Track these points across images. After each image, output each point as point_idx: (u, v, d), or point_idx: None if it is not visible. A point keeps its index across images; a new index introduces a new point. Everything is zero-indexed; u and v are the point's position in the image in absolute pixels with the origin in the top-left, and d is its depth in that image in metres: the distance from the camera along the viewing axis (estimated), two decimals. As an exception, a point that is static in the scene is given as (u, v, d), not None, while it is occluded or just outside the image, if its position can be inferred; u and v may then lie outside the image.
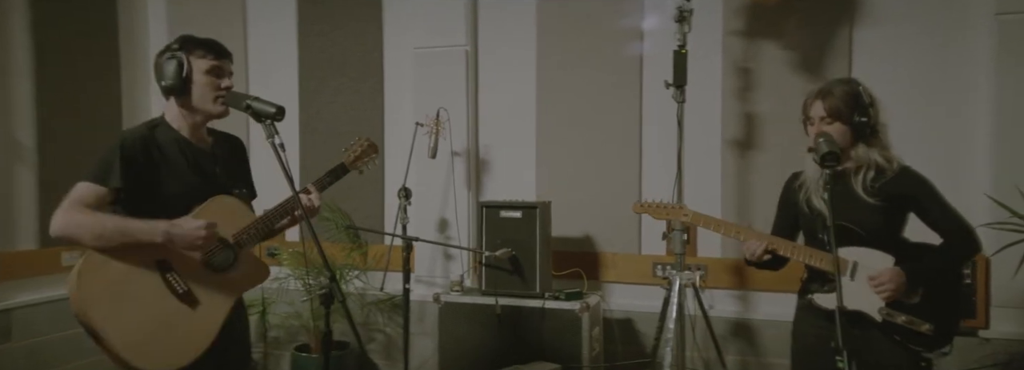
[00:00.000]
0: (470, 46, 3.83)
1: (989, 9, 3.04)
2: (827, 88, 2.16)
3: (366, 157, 2.40)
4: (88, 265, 1.90)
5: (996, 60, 3.02)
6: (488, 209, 3.38)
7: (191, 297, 1.99)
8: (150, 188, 2.00)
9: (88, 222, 1.89)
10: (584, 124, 3.68)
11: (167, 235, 1.92)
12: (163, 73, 2.04)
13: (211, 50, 2.07)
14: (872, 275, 2.10)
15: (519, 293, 3.29)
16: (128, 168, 1.95)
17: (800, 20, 3.33)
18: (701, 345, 3.35)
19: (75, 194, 1.93)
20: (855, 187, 2.15)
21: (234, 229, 2.07)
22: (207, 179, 2.10)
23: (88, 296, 1.87)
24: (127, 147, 1.97)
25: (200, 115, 2.10)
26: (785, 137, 3.36)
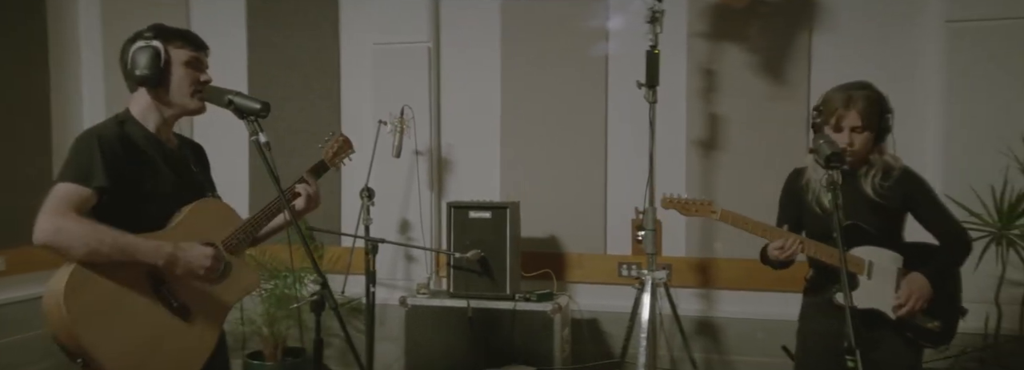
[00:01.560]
0: (432, 43, 3.75)
1: (939, 16, 3.18)
2: (854, 96, 2.15)
3: (342, 153, 2.30)
4: (75, 282, 1.69)
5: (946, 65, 3.16)
6: (457, 209, 3.31)
7: (185, 310, 1.84)
8: (132, 188, 1.83)
9: (82, 233, 1.69)
10: (549, 124, 3.66)
11: (171, 258, 1.76)
12: (136, 62, 1.88)
13: (190, 41, 1.92)
14: (899, 298, 2.14)
15: (489, 295, 3.23)
16: (110, 166, 1.78)
17: (762, 24, 3.40)
18: (668, 344, 3.38)
19: (58, 197, 1.73)
20: (865, 188, 2.19)
21: (223, 234, 1.93)
22: (183, 181, 1.95)
23: (78, 318, 1.67)
24: (105, 144, 1.79)
25: (174, 109, 1.94)
26: (748, 138, 3.44)
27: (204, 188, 1.99)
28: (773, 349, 3.37)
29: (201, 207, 1.92)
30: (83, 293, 1.70)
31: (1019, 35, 3.08)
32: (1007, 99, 3.08)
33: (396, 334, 3.43)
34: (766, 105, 3.41)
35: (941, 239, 2.24)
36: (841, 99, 2.16)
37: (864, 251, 2.17)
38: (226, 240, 1.93)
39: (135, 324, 1.76)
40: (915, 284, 2.14)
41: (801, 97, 3.38)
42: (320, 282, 1.82)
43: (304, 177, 2.13)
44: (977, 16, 3.12)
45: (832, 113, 2.17)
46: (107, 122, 1.90)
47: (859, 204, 2.16)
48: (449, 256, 3.29)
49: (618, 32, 3.59)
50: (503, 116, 3.72)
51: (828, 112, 2.18)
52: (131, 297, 1.77)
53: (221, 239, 1.93)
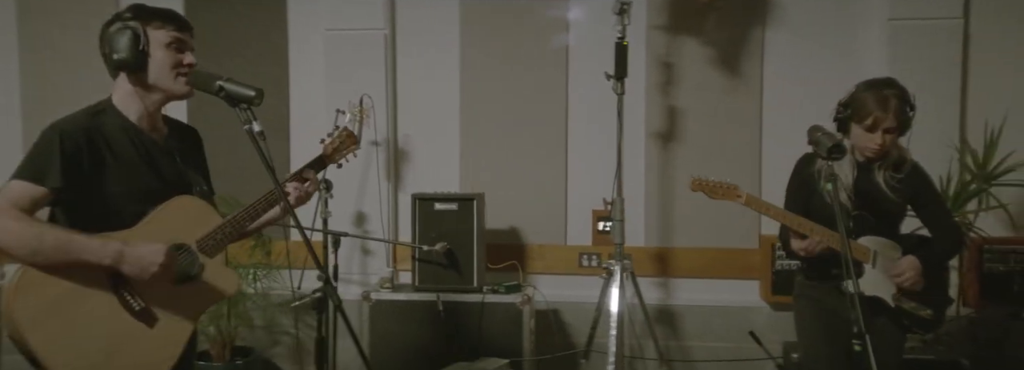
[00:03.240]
0: (388, 30, 3.64)
1: (882, 14, 3.35)
2: (888, 97, 2.18)
3: (345, 149, 2.19)
4: (27, 280, 1.57)
5: (888, 60, 3.33)
6: (422, 201, 3.24)
7: (149, 315, 1.71)
8: (95, 188, 1.70)
9: (23, 233, 1.57)
10: (509, 114, 3.63)
11: (119, 256, 1.63)
12: (114, 45, 1.74)
13: (171, 21, 1.79)
14: (897, 272, 2.22)
15: (457, 288, 3.18)
16: (69, 165, 1.65)
17: (718, 18, 3.48)
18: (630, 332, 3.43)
19: (7, 195, 1.60)
20: (878, 180, 2.27)
21: (198, 233, 1.80)
22: (162, 176, 1.81)
23: (26, 317, 1.56)
24: (67, 140, 1.66)
25: (158, 94, 1.80)
26: (705, 130, 3.52)
27: (189, 183, 1.86)
28: (730, 335, 3.51)
29: (174, 205, 1.78)
30: (35, 294, 1.59)
31: (957, 34, 3.28)
32: (946, 94, 3.28)
33: (357, 330, 3.32)
34: (722, 98, 3.50)
35: (938, 233, 2.36)
36: (877, 101, 2.18)
37: (869, 241, 2.26)
38: (201, 240, 1.81)
39: (91, 328, 1.64)
40: (910, 263, 2.24)
41: (755, 91, 3.50)
42: (323, 279, 1.73)
43: (301, 173, 2.02)
44: (917, 15, 3.30)
45: (867, 115, 2.19)
46: (79, 113, 1.76)
47: (870, 195, 2.25)
48: (415, 249, 3.22)
49: (578, 23, 3.59)
50: (462, 106, 3.67)
51: (862, 113, 2.20)
52: (89, 300, 1.65)
53: (195, 239, 1.80)
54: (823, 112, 3.38)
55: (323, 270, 1.73)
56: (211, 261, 1.81)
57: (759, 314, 3.49)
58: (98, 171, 1.70)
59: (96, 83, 3.65)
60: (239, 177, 3.07)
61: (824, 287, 2.32)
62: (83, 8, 3.77)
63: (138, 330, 1.69)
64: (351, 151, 2.21)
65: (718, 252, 3.53)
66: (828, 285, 2.28)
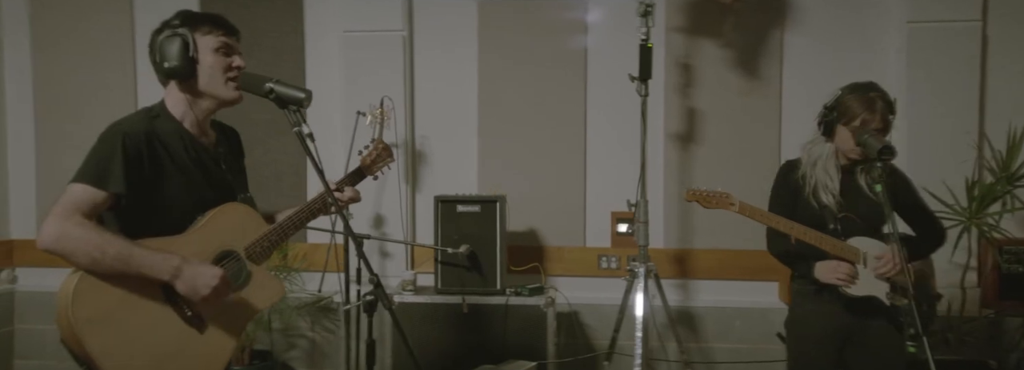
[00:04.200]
0: (406, 32, 3.62)
1: (901, 17, 3.37)
2: (874, 99, 2.22)
3: (381, 161, 2.18)
4: (86, 283, 1.56)
5: (907, 63, 3.35)
6: (444, 203, 3.22)
7: (199, 321, 1.70)
8: (152, 193, 1.68)
9: (86, 241, 1.55)
10: (527, 116, 3.62)
11: (177, 273, 1.62)
12: (164, 53, 1.73)
13: (219, 25, 1.78)
14: (878, 255, 2.25)
15: (480, 290, 3.17)
16: (131, 169, 1.63)
17: (737, 21, 3.49)
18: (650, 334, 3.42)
19: (69, 199, 1.58)
20: (860, 182, 2.30)
21: (246, 241, 1.79)
22: (212, 182, 1.80)
23: (85, 321, 1.54)
24: (129, 144, 1.64)
25: (209, 101, 1.79)
26: (723, 132, 3.53)
27: (234, 190, 1.85)
28: (751, 336, 3.51)
29: (225, 212, 1.77)
30: (92, 299, 1.57)
31: (975, 36, 3.30)
32: (965, 96, 3.30)
33: (380, 333, 3.31)
34: (740, 100, 3.51)
35: (920, 230, 2.40)
36: (863, 103, 2.22)
37: (858, 241, 2.28)
38: (249, 247, 1.80)
39: (145, 334, 1.63)
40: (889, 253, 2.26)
41: (774, 93, 3.51)
42: (374, 282, 1.72)
43: (340, 184, 2.01)
44: (935, 18, 3.33)
45: (855, 116, 2.23)
46: (138, 115, 1.74)
47: (856, 198, 2.29)
48: (437, 251, 3.20)
49: (596, 25, 3.59)
50: (480, 108, 3.65)
51: (849, 114, 2.24)
52: (143, 305, 1.64)
53: (243, 246, 1.79)
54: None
55: (373, 273, 1.71)
56: (257, 268, 1.80)
57: (779, 315, 3.43)
58: (156, 176, 1.68)
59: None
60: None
61: (810, 290, 2.34)
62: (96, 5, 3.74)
63: (189, 336, 1.68)
64: (387, 163, 2.20)
65: (737, 253, 3.53)
66: (813, 288, 2.30)
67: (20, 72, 3.86)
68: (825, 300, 2.30)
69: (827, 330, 2.30)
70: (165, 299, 1.66)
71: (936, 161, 3.26)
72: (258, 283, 1.79)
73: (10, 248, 3.85)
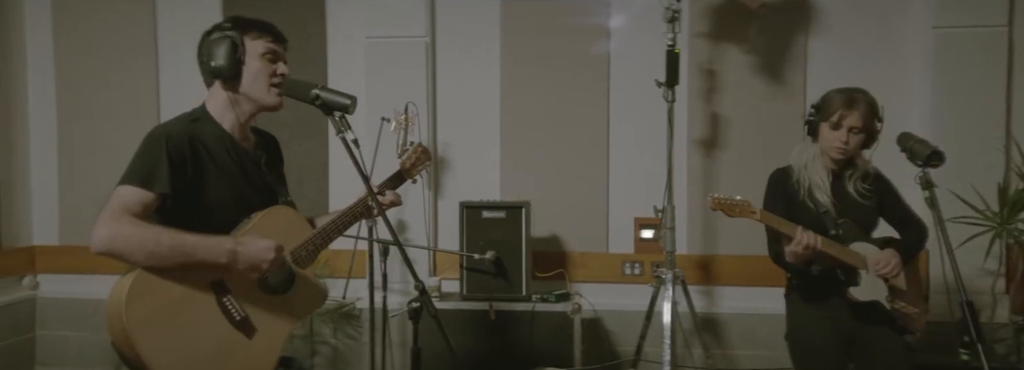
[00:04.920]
0: (428, 38, 3.63)
1: (927, 23, 3.36)
2: (856, 98, 2.27)
3: (420, 165, 2.19)
4: (139, 286, 1.57)
5: (933, 68, 3.34)
6: (470, 209, 3.22)
7: (248, 325, 1.71)
8: (195, 195, 1.69)
9: (140, 236, 1.56)
10: (550, 122, 3.62)
11: (233, 255, 1.63)
12: (212, 53, 1.74)
13: (267, 31, 1.79)
14: (875, 259, 2.26)
15: (507, 297, 3.16)
16: (175, 170, 1.64)
17: (760, 27, 3.49)
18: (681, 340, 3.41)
19: (118, 201, 1.59)
20: (849, 189, 2.33)
21: (291, 244, 1.79)
22: (254, 185, 1.80)
23: (137, 323, 1.55)
24: (173, 146, 1.65)
25: (249, 104, 1.80)
26: (747, 137, 3.52)
27: (275, 193, 1.85)
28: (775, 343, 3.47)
29: (271, 214, 1.78)
30: (145, 301, 1.58)
31: (1001, 41, 3.29)
32: (991, 101, 3.29)
33: (408, 340, 3.30)
34: (764, 105, 3.50)
35: (904, 230, 2.42)
36: (844, 100, 2.28)
37: (859, 247, 2.28)
38: (294, 251, 1.80)
39: (195, 337, 1.64)
40: (891, 252, 2.30)
41: (798, 98, 3.50)
42: (419, 289, 1.71)
43: (381, 187, 2.02)
44: (961, 23, 3.32)
45: (834, 112, 2.28)
46: (179, 119, 1.75)
47: (845, 203, 2.30)
48: (463, 257, 3.19)
49: (619, 30, 3.59)
50: (502, 113, 3.65)
51: (829, 110, 2.30)
52: (194, 308, 1.65)
53: (290, 250, 1.80)
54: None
55: (418, 280, 1.71)
56: (302, 272, 1.80)
57: (804, 322, 3.47)
58: (199, 178, 1.69)
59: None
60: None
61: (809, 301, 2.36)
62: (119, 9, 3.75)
63: (238, 340, 1.68)
64: (426, 166, 2.21)
65: (761, 260, 3.44)
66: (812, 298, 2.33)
67: (43, 76, 3.87)
68: (826, 307, 2.30)
69: (829, 336, 2.31)
70: (215, 302, 1.67)
71: (964, 167, 3.23)
72: (303, 287, 1.80)
73: (32, 254, 3.85)
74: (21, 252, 3.79)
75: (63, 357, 3.85)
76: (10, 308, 3.71)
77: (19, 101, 3.82)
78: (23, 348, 3.78)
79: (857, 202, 2.32)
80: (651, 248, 3.58)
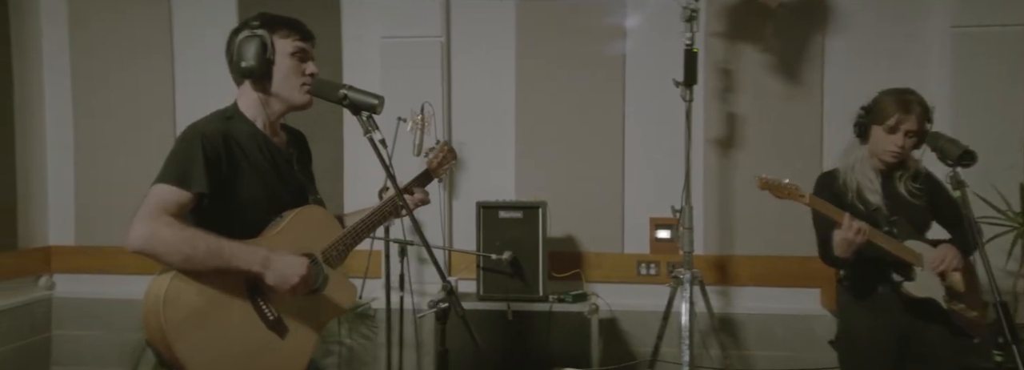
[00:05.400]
0: (444, 38, 3.62)
1: (945, 22, 3.34)
2: (911, 101, 2.25)
3: (447, 163, 2.18)
4: (176, 286, 1.57)
5: (952, 68, 3.32)
6: (486, 209, 3.22)
7: (281, 325, 1.71)
8: (229, 194, 1.68)
9: (177, 239, 1.56)
10: (565, 122, 3.61)
11: (266, 263, 1.63)
12: (242, 53, 1.73)
13: (297, 30, 1.79)
14: (931, 257, 2.24)
15: (524, 297, 3.15)
16: (211, 169, 1.64)
17: (777, 26, 3.47)
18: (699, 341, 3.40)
19: (155, 200, 1.59)
20: (900, 190, 2.31)
21: (323, 244, 1.79)
22: (286, 184, 1.80)
23: (175, 324, 1.55)
24: (208, 144, 1.65)
25: (280, 104, 1.80)
26: (763, 137, 3.50)
27: (306, 191, 1.85)
28: (792, 344, 3.48)
29: (304, 214, 1.78)
30: (182, 301, 1.58)
31: (1020, 41, 3.27)
32: (1011, 101, 3.27)
33: (424, 340, 3.30)
34: (781, 105, 3.49)
35: (956, 231, 2.38)
36: (899, 103, 2.25)
37: (912, 245, 2.26)
38: (326, 250, 1.80)
39: (230, 337, 1.64)
40: (947, 247, 2.27)
41: (815, 98, 3.48)
42: (446, 289, 1.71)
43: (409, 186, 2.01)
44: (980, 23, 3.30)
45: (889, 116, 2.25)
46: (213, 117, 1.75)
47: (896, 204, 2.28)
48: (480, 257, 3.18)
49: (635, 30, 3.58)
50: (517, 114, 3.65)
51: (884, 114, 2.27)
52: (229, 308, 1.65)
53: (321, 249, 1.79)
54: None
55: (446, 281, 1.70)
56: (333, 272, 1.80)
57: (820, 322, 3.45)
58: (234, 177, 1.69)
59: (147, 86, 3.73)
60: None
61: (862, 297, 2.32)
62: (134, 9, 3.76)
63: (271, 340, 1.68)
64: (452, 165, 2.20)
65: (777, 260, 3.50)
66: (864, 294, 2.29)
67: (59, 75, 3.87)
68: (880, 307, 2.28)
69: (882, 337, 2.28)
70: (249, 302, 1.67)
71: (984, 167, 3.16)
72: (334, 287, 1.80)
73: (48, 254, 3.85)
74: (37, 252, 3.80)
75: (79, 357, 3.85)
76: (26, 308, 3.71)
77: (35, 101, 3.82)
78: (39, 348, 3.79)
79: (909, 202, 2.29)
80: (666, 248, 3.57)
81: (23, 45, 3.73)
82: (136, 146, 3.79)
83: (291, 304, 1.72)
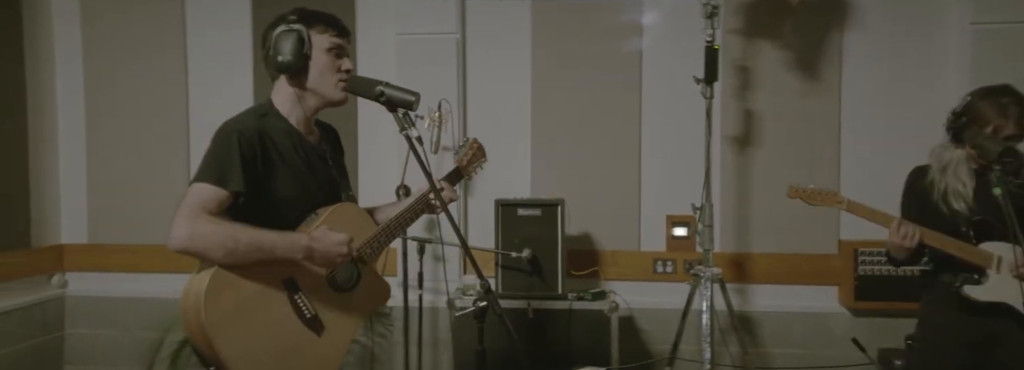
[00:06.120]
0: (459, 34, 3.60)
1: (965, 18, 3.33)
2: (1007, 105, 2.19)
3: (476, 162, 2.18)
4: (215, 283, 1.56)
5: (971, 65, 3.30)
6: (504, 207, 3.20)
7: (318, 322, 1.70)
8: (264, 192, 1.68)
9: (218, 234, 1.56)
10: (581, 118, 3.59)
11: (309, 251, 1.63)
12: (278, 48, 1.72)
13: (333, 26, 1.78)
14: (1012, 258, 2.18)
15: (542, 295, 3.14)
16: (248, 167, 1.63)
17: (795, 23, 3.46)
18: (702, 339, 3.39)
19: (194, 199, 1.58)
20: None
21: (358, 241, 1.78)
22: (319, 181, 1.79)
23: (216, 321, 1.55)
24: (244, 142, 1.64)
25: (316, 100, 1.79)
26: (780, 134, 3.49)
27: (339, 188, 1.84)
28: (810, 341, 3.47)
29: (339, 211, 1.78)
30: (222, 299, 1.58)
31: (1042, 37, 3.26)
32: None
33: (440, 339, 3.29)
34: (799, 102, 3.47)
35: None
36: (996, 109, 2.19)
37: (993, 246, 2.23)
38: (360, 248, 1.79)
39: (269, 334, 1.64)
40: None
41: (833, 95, 3.47)
42: (485, 288, 1.70)
43: (440, 184, 2.01)
44: (1000, 19, 3.28)
45: (987, 123, 2.19)
46: (248, 114, 1.74)
47: (988, 202, 2.21)
48: (498, 256, 3.17)
49: (652, 27, 3.56)
50: (533, 110, 3.63)
51: (981, 121, 2.20)
52: (268, 305, 1.65)
53: (356, 247, 1.79)
54: (904, 117, 3.42)
55: (484, 280, 1.69)
56: (367, 269, 1.79)
57: (838, 320, 3.46)
58: (268, 175, 1.68)
59: (161, 85, 3.71)
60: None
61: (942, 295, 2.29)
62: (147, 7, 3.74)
63: (308, 337, 1.68)
64: (482, 163, 2.20)
65: (795, 257, 3.49)
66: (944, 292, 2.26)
67: (71, 74, 3.85)
68: (952, 310, 2.25)
69: (954, 341, 2.25)
70: (288, 299, 1.67)
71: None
72: (369, 284, 1.80)
73: (60, 252, 3.83)
74: (50, 250, 3.78)
75: (91, 356, 3.84)
76: (39, 307, 3.70)
77: (47, 99, 3.80)
78: (52, 347, 3.77)
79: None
80: (682, 246, 3.56)
81: (35, 43, 3.71)
82: (149, 144, 3.77)
83: (327, 301, 1.72)
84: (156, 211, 3.71)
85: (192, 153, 3.75)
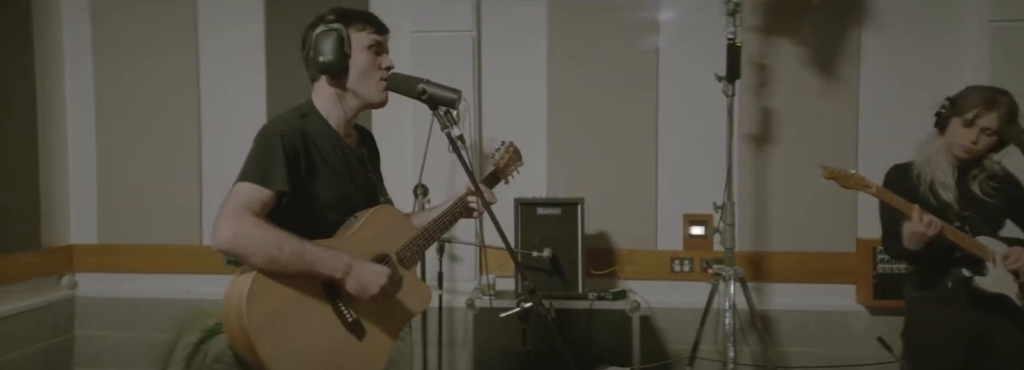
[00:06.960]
0: (474, 32, 3.57)
1: (983, 16, 3.32)
2: (998, 100, 2.21)
3: (512, 165, 2.15)
4: (257, 287, 1.53)
5: (990, 63, 3.30)
6: (524, 206, 3.17)
7: (359, 327, 1.67)
8: (305, 193, 1.65)
9: (264, 239, 1.52)
10: (597, 117, 3.57)
11: (348, 270, 1.59)
12: (319, 48, 1.69)
13: (371, 23, 1.75)
14: (1005, 254, 2.22)
15: (562, 294, 3.11)
16: (291, 167, 1.60)
17: (813, 21, 3.44)
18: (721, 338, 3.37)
19: (239, 199, 1.55)
20: (974, 189, 2.28)
21: (397, 245, 1.75)
22: (359, 183, 1.77)
23: (258, 325, 1.52)
24: (287, 142, 1.61)
25: (356, 101, 1.76)
26: (798, 132, 3.48)
27: (376, 191, 1.81)
28: (828, 340, 3.47)
29: (379, 214, 1.75)
30: (264, 302, 1.54)
31: (1060, 35, 3.26)
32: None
33: (460, 339, 3.26)
34: (817, 100, 3.46)
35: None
36: (985, 99, 2.21)
37: (985, 241, 2.24)
38: (400, 251, 1.77)
39: (311, 338, 1.61)
40: (1017, 251, 2.24)
41: (851, 93, 3.46)
42: (528, 289, 1.67)
43: (479, 187, 1.98)
44: (1018, 17, 3.28)
45: (970, 109, 2.21)
46: (289, 115, 1.71)
47: (970, 203, 2.25)
48: (518, 255, 3.14)
49: (669, 24, 3.54)
50: (549, 109, 3.61)
51: (965, 106, 2.23)
52: (309, 309, 1.62)
53: (395, 250, 1.76)
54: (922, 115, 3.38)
55: (527, 281, 1.67)
56: (407, 273, 1.76)
57: (856, 318, 3.45)
58: (310, 176, 1.65)
59: (171, 85, 3.66)
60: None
61: (929, 293, 2.30)
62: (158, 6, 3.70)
63: (350, 342, 1.65)
64: (518, 166, 2.17)
65: (812, 256, 3.48)
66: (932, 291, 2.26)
67: (82, 73, 3.80)
68: (949, 302, 2.25)
69: (950, 337, 2.26)
70: (329, 303, 1.64)
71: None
72: (409, 288, 1.77)
73: (70, 253, 3.78)
74: (60, 251, 3.73)
75: (101, 358, 3.79)
76: (49, 308, 3.65)
77: (57, 98, 3.75)
78: (61, 349, 3.72)
79: (982, 200, 2.27)
80: (700, 245, 3.55)
81: (44, 41, 3.65)
82: (159, 144, 3.72)
83: (369, 305, 1.69)
84: (167, 211, 3.68)
85: (203, 153, 3.71)
